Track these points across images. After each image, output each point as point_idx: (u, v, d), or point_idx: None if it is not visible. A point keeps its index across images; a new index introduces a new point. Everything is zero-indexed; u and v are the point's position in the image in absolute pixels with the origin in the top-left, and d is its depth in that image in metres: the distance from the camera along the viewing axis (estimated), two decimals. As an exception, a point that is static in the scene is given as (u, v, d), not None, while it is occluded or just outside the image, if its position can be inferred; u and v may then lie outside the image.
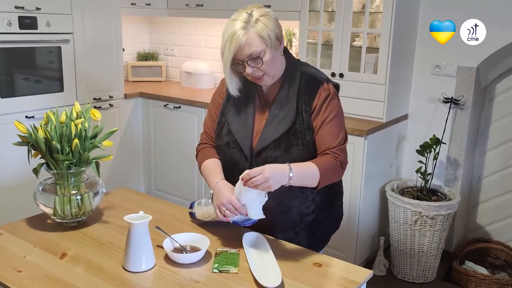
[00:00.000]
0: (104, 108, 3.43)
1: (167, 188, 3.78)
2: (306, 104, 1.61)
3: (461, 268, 2.88)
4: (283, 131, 1.60)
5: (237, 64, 1.56)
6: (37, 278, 1.37)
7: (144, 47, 4.42)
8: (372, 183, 2.96)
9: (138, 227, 1.39)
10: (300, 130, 1.60)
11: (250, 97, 1.68)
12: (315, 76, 1.66)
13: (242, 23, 1.50)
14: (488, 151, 3.17)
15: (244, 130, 1.65)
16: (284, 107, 1.62)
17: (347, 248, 2.91)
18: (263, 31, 1.51)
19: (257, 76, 1.58)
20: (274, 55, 1.56)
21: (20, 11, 2.89)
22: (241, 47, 1.50)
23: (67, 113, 1.64)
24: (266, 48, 1.53)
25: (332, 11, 3.01)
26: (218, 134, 1.72)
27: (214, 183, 1.60)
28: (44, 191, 1.65)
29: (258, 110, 1.68)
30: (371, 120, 2.92)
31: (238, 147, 1.65)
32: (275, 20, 1.56)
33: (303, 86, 1.63)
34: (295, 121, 1.60)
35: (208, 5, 3.61)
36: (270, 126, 1.62)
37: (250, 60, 1.53)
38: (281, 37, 1.59)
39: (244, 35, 1.49)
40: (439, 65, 3.04)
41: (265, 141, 1.61)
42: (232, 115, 1.68)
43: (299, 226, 1.70)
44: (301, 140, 1.60)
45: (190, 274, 1.40)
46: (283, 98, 1.63)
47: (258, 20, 1.51)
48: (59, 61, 3.15)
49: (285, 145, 1.60)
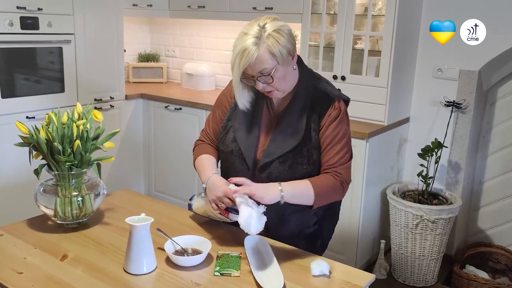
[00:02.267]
0: (105, 109, 3.42)
1: (167, 190, 3.77)
2: (315, 123, 1.58)
3: (462, 272, 2.87)
4: (290, 148, 1.57)
5: (247, 78, 1.53)
6: (38, 279, 1.36)
7: (145, 48, 4.42)
8: (373, 186, 2.96)
9: (139, 229, 1.39)
10: (307, 148, 1.57)
11: (258, 106, 1.65)
12: (328, 93, 1.61)
13: (253, 39, 1.46)
14: (489, 155, 3.16)
15: (248, 140, 1.63)
16: (293, 123, 1.59)
17: (348, 251, 2.90)
18: (274, 47, 1.46)
19: (268, 91, 1.55)
20: (286, 71, 1.53)
21: (22, 12, 2.89)
22: (252, 63, 1.46)
23: (68, 114, 1.64)
24: (277, 64, 1.49)
25: (334, 14, 3.01)
26: (223, 140, 1.69)
27: (207, 177, 1.60)
28: (45, 192, 1.65)
29: (266, 121, 1.65)
30: (373, 123, 2.91)
31: (241, 157, 1.63)
32: (288, 35, 1.51)
33: (315, 103, 1.59)
34: (302, 139, 1.57)
35: (209, 7, 3.61)
36: (277, 140, 1.59)
37: (260, 76, 1.50)
38: (294, 51, 1.54)
39: (255, 51, 1.45)
40: (441, 69, 3.03)
41: (270, 155, 1.58)
42: (239, 123, 1.65)
43: (298, 237, 1.67)
44: (307, 159, 1.57)
45: (191, 277, 1.39)
46: (293, 113, 1.59)
47: (270, 35, 1.46)
48: (60, 62, 3.15)
49: (290, 162, 1.57)
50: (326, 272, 1.43)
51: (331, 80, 2.94)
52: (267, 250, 1.52)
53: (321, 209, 1.67)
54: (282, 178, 1.56)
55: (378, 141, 2.85)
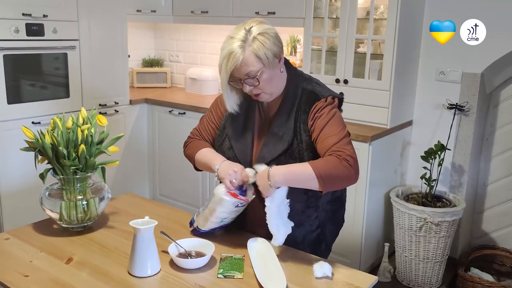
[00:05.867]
0: (110, 114, 3.44)
1: (171, 194, 3.78)
2: (304, 123, 1.57)
3: (466, 275, 2.86)
4: (281, 151, 1.57)
5: (235, 81, 1.54)
6: (43, 282, 1.38)
7: (149, 54, 4.45)
8: (377, 189, 2.96)
9: (143, 232, 1.40)
10: (298, 150, 1.57)
11: (251, 111, 1.66)
12: (316, 92, 1.59)
13: (239, 42, 1.48)
14: (493, 157, 3.16)
15: (243, 146, 1.64)
16: (282, 126, 1.59)
17: (352, 254, 2.90)
18: (260, 50, 1.48)
19: (255, 94, 1.57)
20: (272, 74, 1.54)
21: (27, 18, 2.92)
22: (238, 66, 1.48)
23: (73, 119, 1.66)
24: (264, 67, 1.50)
25: (336, 18, 3.02)
26: (220, 147, 1.70)
27: (220, 161, 1.61)
28: (51, 196, 1.66)
29: (258, 126, 1.66)
30: (376, 126, 2.92)
31: (239, 163, 1.62)
32: (274, 38, 1.52)
33: (303, 104, 1.59)
34: (292, 141, 1.57)
35: (213, 12, 3.64)
36: (269, 145, 1.60)
37: (247, 79, 1.51)
38: (280, 54, 1.55)
39: (241, 54, 1.47)
40: (443, 71, 3.04)
41: (263, 159, 1.58)
42: (233, 130, 1.67)
43: (302, 244, 1.65)
44: (299, 161, 1.55)
45: (195, 279, 1.40)
46: (283, 116, 1.60)
47: (255, 38, 1.48)
48: (65, 68, 3.18)
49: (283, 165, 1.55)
50: (329, 274, 1.43)
51: (333, 84, 2.98)
52: (270, 252, 1.53)
53: (322, 212, 1.67)
54: None
55: (381, 144, 2.85)
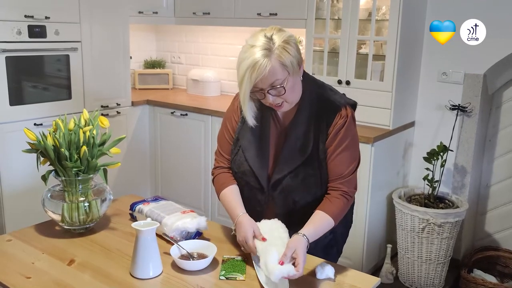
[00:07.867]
0: (112, 116, 3.45)
1: (173, 196, 3.78)
2: (323, 134, 1.56)
3: (469, 276, 2.85)
4: (300, 162, 1.55)
5: (256, 92, 1.48)
6: (45, 284, 1.38)
7: (151, 55, 4.45)
8: (379, 191, 2.95)
9: (145, 234, 1.40)
10: (316, 160, 1.56)
11: (265, 122, 1.61)
12: (333, 101, 1.58)
13: (263, 51, 1.41)
14: (496, 159, 3.15)
15: (259, 158, 1.60)
16: (300, 136, 1.56)
17: (355, 256, 2.89)
18: (286, 59, 1.43)
19: (276, 104, 1.51)
20: (295, 82, 1.50)
21: (29, 20, 2.93)
22: (265, 76, 1.42)
23: (75, 121, 1.66)
24: (288, 76, 1.46)
25: (338, 19, 3.02)
26: (234, 160, 1.66)
27: (235, 216, 1.56)
28: (53, 198, 1.66)
29: (274, 136, 1.61)
30: (378, 128, 2.91)
31: (254, 176, 1.61)
32: (296, 44, 1.49)
33: (321, 113, 1.56)
34: (311, 152, 1.55)
35: (215, 13, 3.64)
36: (286, 156, 1.57)
37: (271, 89, 1.46)
38: (302, 61, 1.52)
39: (268, 64, 1.40)
40: (445, 72, 3.03)
41: (281, 171, 1.57)
42: (247, 141, 1.62)
43: (315, 249, 1.61)
44: (319, 171, 1.56)
45: (197, 281, 1.40)
46: (300, 125, 1.57)
47: (280, 46, 1.43)
48: (67, 69, 3.18)
49: (302, 176, 1.56)
50: (331, 276, 1.43)
51: (335, 85, 2.98)
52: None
53: None
54: (296, 192, 1.56)
55: (383, 145, 2.85)
